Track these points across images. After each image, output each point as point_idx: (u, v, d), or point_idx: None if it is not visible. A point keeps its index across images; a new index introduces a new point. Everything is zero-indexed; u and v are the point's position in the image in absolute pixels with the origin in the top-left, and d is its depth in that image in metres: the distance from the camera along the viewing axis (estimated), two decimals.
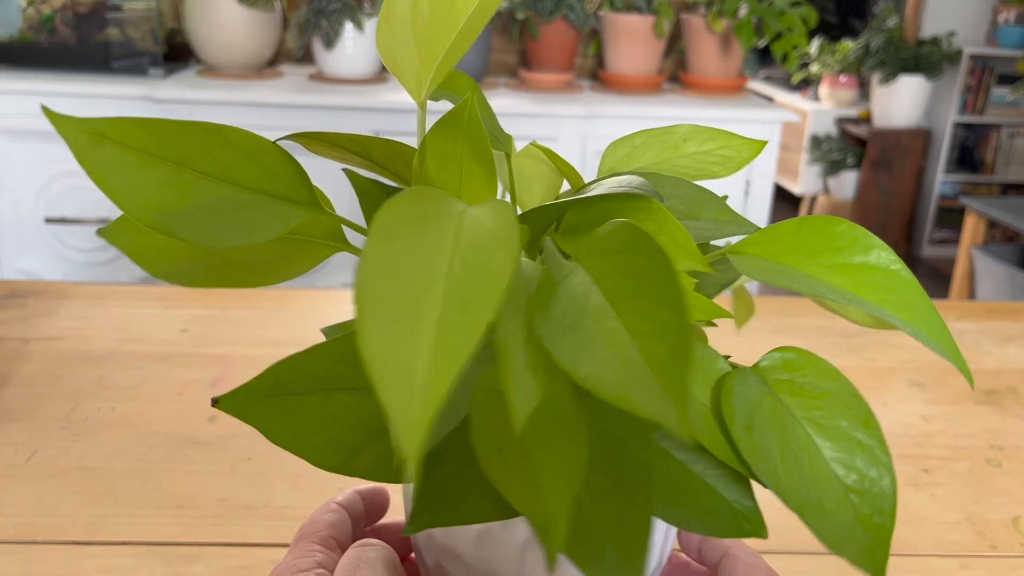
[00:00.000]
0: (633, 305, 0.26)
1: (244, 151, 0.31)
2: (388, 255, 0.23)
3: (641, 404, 0.23)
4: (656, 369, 0.24)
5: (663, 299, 0.25)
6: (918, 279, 0.34)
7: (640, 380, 0.24)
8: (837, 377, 0.35)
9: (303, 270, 0.36)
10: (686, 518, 0.32)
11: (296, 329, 0.83)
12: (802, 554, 0.55)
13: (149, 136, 0.30)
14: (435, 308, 0.22)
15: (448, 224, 0.26)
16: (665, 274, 0.25)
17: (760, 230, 0.34)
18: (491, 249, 0.25)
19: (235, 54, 1.85)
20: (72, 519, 0.55)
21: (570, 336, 0.25)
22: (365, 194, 0.38)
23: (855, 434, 0.33)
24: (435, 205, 0.27)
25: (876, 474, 0.32)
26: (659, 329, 0.25)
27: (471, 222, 0.26)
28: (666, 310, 0.25)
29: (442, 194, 0.28)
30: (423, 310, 0.22)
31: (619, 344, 0.25)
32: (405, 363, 0.21)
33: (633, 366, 0.24)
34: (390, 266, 0.23)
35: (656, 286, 0.25)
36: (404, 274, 0.23)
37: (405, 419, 0.20)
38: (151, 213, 0.29)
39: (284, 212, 0.31)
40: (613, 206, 0.33)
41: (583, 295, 0.27)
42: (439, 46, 0.34)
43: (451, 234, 0.25)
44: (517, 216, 0.26)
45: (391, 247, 0.24)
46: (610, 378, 0.24)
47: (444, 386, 0.21)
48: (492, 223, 0.26)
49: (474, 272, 0.24)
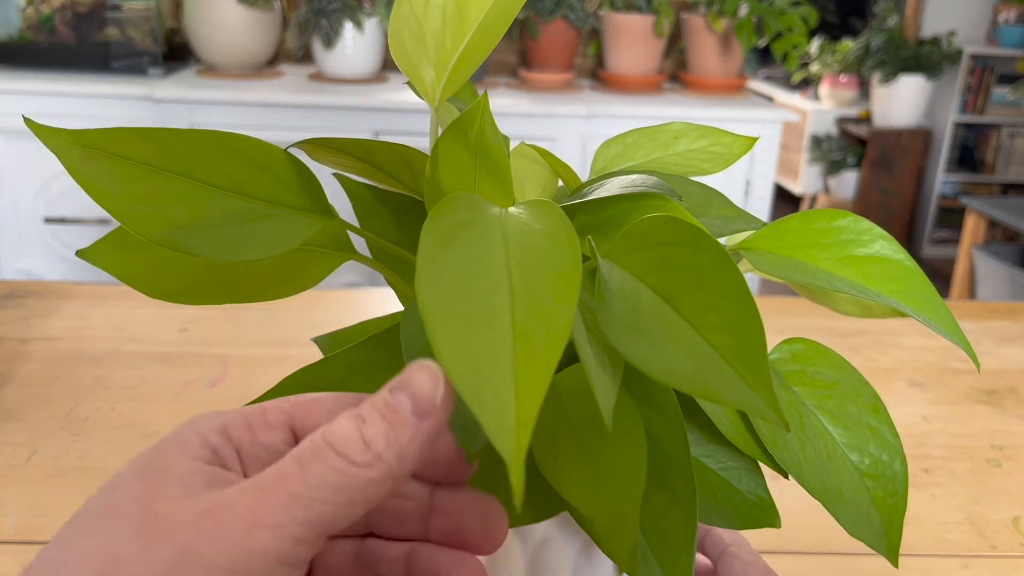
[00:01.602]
0: (691, 298, 0.25)
1: (254, 160, 0.30)
2: (442, 266, 0.23)
3: (726, 395, 0.23)
4: (731, 360, 0.24)
5: (725, 290, 0.25)
6: None
7: (718, 372, 0.24)
8: (844, 365, 0.35)
9: (310, 283, 0.35)
10: (704, 511, 0.32)
11: (296, 329, 0.83)
12: (802, 554, 0.55)
13: (149, 146, 0.28)
14: (505, 313, 0.22)
15: (492, 228, 0.25)
16: (726, 265, 0.25)
17: (767, 225, 0.35)
18: (547, 250, 0.24)
19: (235, 54, 1.85)
20: None
21: (632, 334, 0.25)
22: (358, 197, 0.38)
23: (865, 419, 0.34)
24: (475, 211, 0.26)
25: (888, 458, 0.33)
26: (726, 320, 0.24)
27: (515, 224, 0.26)
28: (731, 301, 0.25)
29: (478, 199, 0.27)
30: (493, 316, 0.22)
31: (685, 339, 0.25)
32: (486, 372, 0.21)
33: (707, 359, 0.24)
34: (447, 276, 0.23)
35: (716, 278, 0.25)
36: (463, 282, 0.23)
37: (499, 427, 0.20)
38: (158, 229, 0.27)
39: (299, 222, 0.30)
40: (629, 206, 0.33)
41: (633, 293, 0.27)
42: (452, 51, 0.33)
43: (499, 238, 0.25)
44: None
45: (444, 257, 0.23)
46: (687, 373, 0.24)
47: (539, 390, 0.21)
48: (540, 224, 0.26)
49: (535, 273, 0.23)
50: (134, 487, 0.23)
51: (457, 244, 0.24)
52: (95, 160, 0.27)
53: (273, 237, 0.29)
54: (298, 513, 0.22)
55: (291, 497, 0.22)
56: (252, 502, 0.22)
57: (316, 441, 0.23)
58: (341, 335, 0.40)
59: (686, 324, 0.25)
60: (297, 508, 0.22)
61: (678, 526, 0.29)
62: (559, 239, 0.25)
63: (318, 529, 0.22)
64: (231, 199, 0.29)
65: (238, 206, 0.29)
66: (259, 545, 0.22)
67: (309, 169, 0.32)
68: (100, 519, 0.22)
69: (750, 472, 0.33)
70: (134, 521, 0.22)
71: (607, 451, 0.27)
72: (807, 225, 0.34)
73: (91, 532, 0.22)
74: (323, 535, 0.23)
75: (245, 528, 0.22)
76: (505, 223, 0.26)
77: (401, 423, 0.24)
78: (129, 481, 0.24)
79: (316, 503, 0.22)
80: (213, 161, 0.29)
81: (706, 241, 0.26)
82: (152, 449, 0.25)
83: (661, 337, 0.25)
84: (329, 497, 0.22)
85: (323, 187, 0.33)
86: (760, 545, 0.55)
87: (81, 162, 0.27)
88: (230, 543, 0.21)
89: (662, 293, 0.26)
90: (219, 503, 0.22)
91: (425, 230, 0.24)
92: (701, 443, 0.33)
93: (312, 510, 0.22)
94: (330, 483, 0.23)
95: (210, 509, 0.22)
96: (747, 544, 0.40)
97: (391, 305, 0.88)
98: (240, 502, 0.22)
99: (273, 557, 0.22)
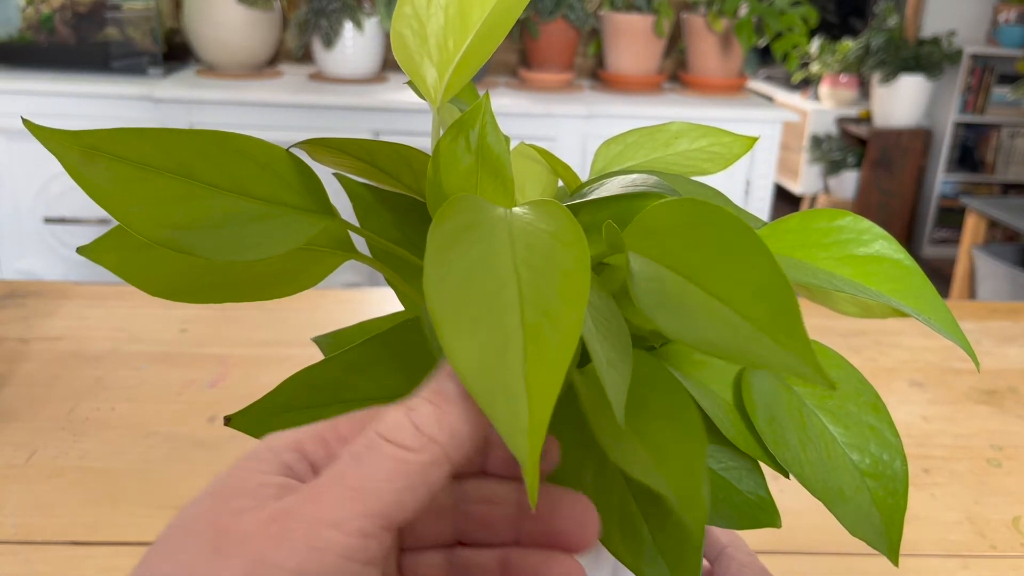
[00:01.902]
0: (715, 273, 0.25)
1: (255, 160, 0.30)
2: (449, 268, 0.23)
3: (766, 360, 0.23)
4: (767, 328, 0.24)
5: (749, 261, 0.25)
6: None
7: (755, 340, 0.24)
8: (844, 365, 0.35)
9: (311, 283, 0.35)
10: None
11: (295, 329, 0.83)
12: (802, 554, 0.55)
13: (150, 147, 0.28)
14: (514, 313, 0.22)
15: (497, 229, 0.25)
16: (745, 236, 0.25)
17: (768, 225, 0.35)
18: (554, 249, 0.24)
19: (235, 54, 1.85)
20: (71, 519, 0.55)
21: (664, 312, 0.25)
22: (358, 198, 0.38)
23: (866, 419, 0.34)
24: (479, 212, 0.26)
25: (888, 457, 0.33)
26: (755, 290, 0.24)
27: (521, 224, 0.26)
28: (756, 269, 0.25)
29: (481, 200, 0.27)
30: (502, 316, 0.22)
31: (716, 313, 0.25)
32: (498, 374, 0.21)
33: (742, 330, 0.24)
34: (453, 277, 0.23)
35: (739, 249, 0.25)
36: (470, 283, 0.23)
37: (513, 429, 0.21)
38: (158, 229, 0.27)
39: (301, 222, 0.30)
40: (629, 205, 0.33)
41: (655, 275, 0.27)
42: (454, 52, 0.33)
43: (505, 238, 0.25)
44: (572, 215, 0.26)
45: (450, 259, 0.23)
46: (724, 343, 0.24)
47: (552, 390, 0.21)
48: (546, 224, 0.26)
49: (543, 273, 0.23)
50: (205, 505, 0.24)
51: (462, 246, 0.24)
52: (95, 161, 0.27)
53: (274, 237, 0.29)
54: (359, 506, 0.22)
55: (350, 491, 0.22)
56: (314, 503, 0.22)
57: (368, 435, 0.24)
58: (341, 335, 0.40)
59: (715, 300, 0.25)
60: (358, 502, 0.22)
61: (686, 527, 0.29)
62: (565, 238, 0.25)
63: (382, 520, 0.23)
64: (232, 199, 0.29)
65: (239, 206, 0.29)
66: (324, 543, 0.22)
67: (311, 169, 0.32)
68: (174, 540, 0.23)
69: (751, 472, 0.33)
70: (206, 538, 0.22)
71: (661, 432, 0.27)
72: (807, 225, 0.34)
73: (167, 554, 0.23)
74: (389, 527, 0.23)
75: (309, 528, 0.22)
76: (511, 223, 0.26)
77: (449, 404, 0.24)
78: (201, 500, 0.24)
79: (375, 494, 0.23)
80: (214, 161, 0.29)
81: (723, 216, 0.26)
82: (228, 470, 0.25)
83: (691, 313, 0.25)
84: (387, 486, 0.23)
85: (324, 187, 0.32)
86: (760, 545, 0.55)
87: (81, 163, 0.27)
88: (297, 545, 0.22)
89: (685, 273, 0.26)
90: (284, 509, 0.23)
91: (431, 233, 0.24)
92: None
93: (372, 502, 0.22)
94: (386, 472, 0.23)
95: (275, 516, 0.22)
96: (744, 545, 0.40)
97: (391, 305, 0.88)
98: (303, 505, 0.23)
99: (341, 553, 0.22)
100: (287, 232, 0.30)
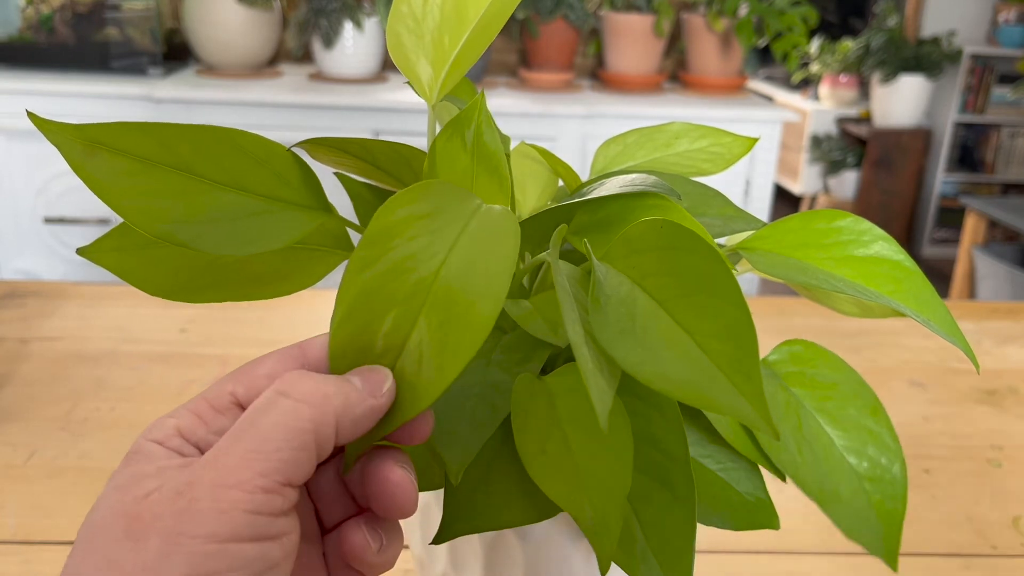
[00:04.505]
0: (687, 302, 0.26)
1: (254, 156, 0.30)
2: (385, 255, 0.25)
3: (718, 402, 0.24)
4: (724, 367, 0.24)
5: (720, 294, 0.25)
6: None
7: (711, 378, 0.24)
8: (843, 367, 0.35)
9: (310, 281, 0.35)
10: (703, 512, 0.32)
11: (295, 329, 0.83)
12: (802, 554, 0.55)
13: (150, 141, 0.28)
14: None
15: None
16: (719, 270, 0.25)
17: (768, 225, 0.35)
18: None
19: (234, 53, 1.85)
20: (72, 519, 0.55)
21: (628, 338, 0.25)
22: (358, 197, 0.38)
23: (864, 422, 0.34)
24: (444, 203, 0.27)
25: (887, 461, 0.33)
26: (720, 326, 0.25)
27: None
28: (726, 305, 0.25)
29: (451, 189, 0.28)
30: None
31: (679, 344, 0.25)
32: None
33: (700, 365, 0.24)
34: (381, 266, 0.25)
35: (710, 282, 0.25)
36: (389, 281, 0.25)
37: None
38: (158, 223, 0.28)
39: (298, 218, 0.30)
40: (627, 205, 0.33)
41: (628, 296, 0.27)
42: (449, 49, 0.33)
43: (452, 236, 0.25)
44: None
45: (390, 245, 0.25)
46: (680, 378, 0.24)
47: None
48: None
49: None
50: (112, 500, 0.24)
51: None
52: (97, 155, 0.28)
53: (271, 232, 0.30)
54: (257, 466, 0.23)
55: (249, 453, 0.24)
56: (214, 469, 0.23)
57: (267, 394, 0.25)
58: None
59: (680, 329, 0.25)
60: (256, 462, 0.23)
61: (678, 526, 0.29)
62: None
63: (280, 476, 0.24)
64: (230, 194, 0.29)
65: (237, 201, 0.29)
66: (229, 503, 0.23)
67: (308, 166, 0.32)
68: (89, 538, 0.24)
69: (749, 473, 0.33)
70: (120, 526, 0.23)
71: (594, 452, 0.27)
72: (807, 225, 0.34)
73: (85, 552, 0.23)
74: (289, 482, 0.24)
75: (213, 492, 0.23)
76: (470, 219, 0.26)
77: (352, 390, 0.25)
78: (107, 496, 0.25)
79: (273, 452, 0.24)
80: (213, 156, 0.29)
81: (701, 245, 0.26)
82: (119, 468, 0.26)
83: (656, 342, 0.25)
84: (283, 444, 0.24)
85: (323, 186, 0.33)
86: (760, 545, 0.55)
87: (83, 156, 0.27)
88: (205, 512, 0.23)
89: (658, 297, 0.26)
90: (187, 481, 0.24)
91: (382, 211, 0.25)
92: (701, 443, 0.33)
93: (270, 460, 0.23)
94: (282, 431, 0.24)
95: (180, 490, 0.23)
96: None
97: None
98: (203, 472, 0.24)
99: (247, 508, 0.23)
100: (284, 227, 0.30)
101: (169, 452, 0.26)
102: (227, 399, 0.27)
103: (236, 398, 0.27)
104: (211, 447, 0.26)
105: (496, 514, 0.30)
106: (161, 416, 0.27)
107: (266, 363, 0.28)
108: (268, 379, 0.27)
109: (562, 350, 0.33)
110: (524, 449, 0.28)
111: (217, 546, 0.22)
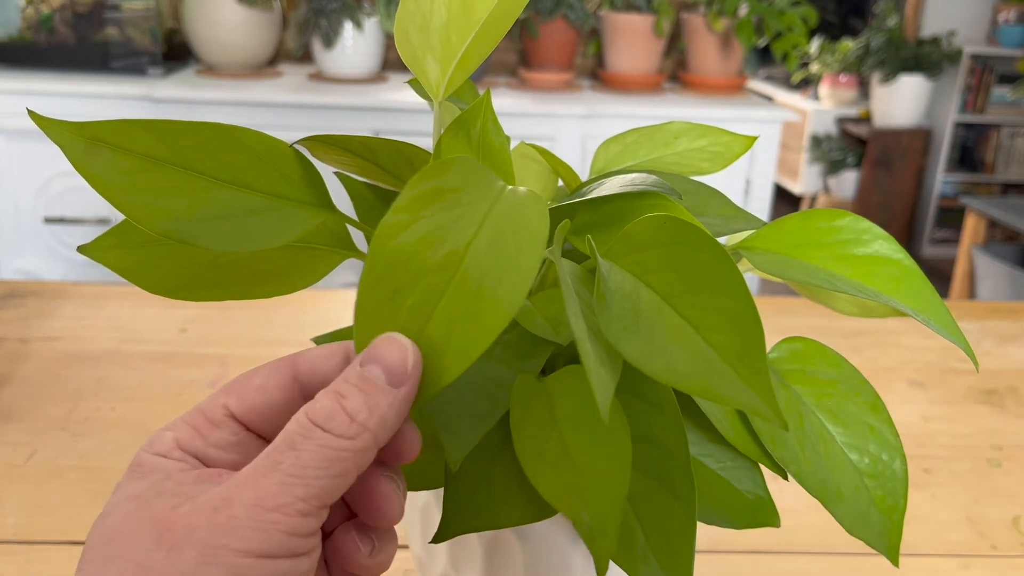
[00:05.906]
0: (691, 298, 0.26)
1: (256, 153, 0.30)
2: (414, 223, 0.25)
3: (726, 395, 0.24)
4: (731, 360, 0.24)
5: (724, 289, 0.25)
6: None
7: (718, 372, 0.24)
8: (843, 364, 0.35)
9: (311, 280, 0.35)
10: (704, 510, 0.32)
11: (295, 330, 0.83)
12: (802, 554, 0.55)
13: (152, 139, 0.28)
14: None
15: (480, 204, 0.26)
16: (724, 264, 0.25)
17: (767, 225, 0.35)
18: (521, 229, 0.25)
19: (234, 53, 1.85)
20: (72, 519, 0.55)
21: (633, 334, 0.25)
22: (359, 197, 0.38)
23: (865, 418, 0.34)
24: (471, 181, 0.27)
25: (887, 457, 0.33)
26: (726, 320, 0.25)
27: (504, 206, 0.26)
28: (730, 300, 0.25)
29: (479, 167, 0.28)
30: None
31: (685, 338, 0.25)
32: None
33: (707, 359, 0.24)
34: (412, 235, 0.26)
35: (714, 276, 0.25)
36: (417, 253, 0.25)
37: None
38: (159, 220, 0.28)
39: (300, 215, 0.30)
40: (628, 204, 0.33)
41: (632, 292, 0.27)
42: (456, 47, 0.33)
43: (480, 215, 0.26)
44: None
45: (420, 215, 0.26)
46: (687, 372, 0.24)
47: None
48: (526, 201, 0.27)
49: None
50: (129, 511, 0.25)
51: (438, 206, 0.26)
52: (98, 152, 0.28)
53: (273, 229, 0.30)
54: (298, 491, 0.24)
55: (290, 478, 0.24)
56: (255, 489, 0.24)
57: (302, 422, 0.25)
58: (341, 335, 0.40)
59: (685, 324, 0.25)
60: (297, 487, 0.24)
61: (678, 525, 0.29)
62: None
63: (318, 501, 0.24)
64: (232, 191, 0.29)
65: (239, 198, 0.30)
66: (269, 524, 0.24)
67: (311, 163, 0.32)
68: (109, 543, 0.24)
69: (750, 472, 0.33)
70: (150, 536, 0.24)
71: (592, 455, 0.27)
72: (807, 224, 0.34)
73: (109, 558, 0.24)
74: (325, 505, 0.25)
75: (253, 512, 0.24)
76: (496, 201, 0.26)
77: (378, 392, 0.25)
78: (122, 505, 0.25)
79: (313, 479, 0.24)
80: (215, 154, 0.29)
81: (705, 240, 0.26)
82: (128, 479, 0.26)
83: (661, 336, 0.25)
84: (323, 472, 0.24)
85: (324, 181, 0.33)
86: (760, 545, 0.55)
87: (84, 154, 0.27)
88: (244, 528, 0.23)
89: (662, 292, 0.26)
90: (224, 498, 0.24)
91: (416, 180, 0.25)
92: (701, 442, 0.33)
93: (311, 486, 0.24)
94: (322, 459, 0.25)
95: (218, 506, 0.24)
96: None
97: None
98: (244, 491, 0.24)
99: (286, 531, 0.24)
100: (286, 225, 0.30)
101: (177, 464, 0.26)
102: (221, 412, 0.28)
103: (229, 410, 0.28)
104: (210, 459, 0.27)
105: (496, 514, 0.30)
106: (158, 429, 0.28)
107: (258, 375, 0.29)
108: (260, 391, 0.28)
109: (563, 350, 0.33)
110: (522, 451, 0.28)
111: (253, 560, 0.23)
